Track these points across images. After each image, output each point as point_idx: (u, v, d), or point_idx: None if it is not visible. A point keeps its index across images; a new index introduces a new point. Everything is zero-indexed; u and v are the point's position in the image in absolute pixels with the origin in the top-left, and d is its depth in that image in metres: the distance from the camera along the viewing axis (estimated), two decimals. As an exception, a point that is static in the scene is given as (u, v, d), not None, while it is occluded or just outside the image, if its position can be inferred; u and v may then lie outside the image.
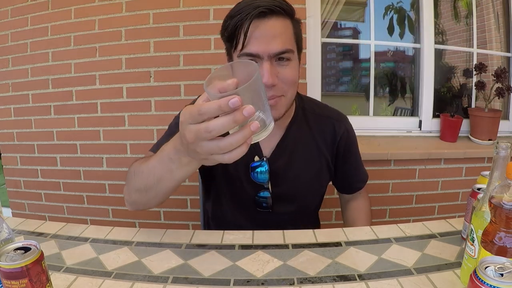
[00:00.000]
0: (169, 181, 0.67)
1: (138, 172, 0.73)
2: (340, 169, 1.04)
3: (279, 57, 0.78)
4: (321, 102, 1.06)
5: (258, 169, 0.91)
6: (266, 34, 0.76)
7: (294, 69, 0.82)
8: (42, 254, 0.56)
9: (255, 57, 0.77)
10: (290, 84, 0.81)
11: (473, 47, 1.97)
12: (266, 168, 0.91)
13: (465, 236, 0.80)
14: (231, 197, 0.99)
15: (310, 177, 0.98)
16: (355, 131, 1.06)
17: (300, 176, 0.96)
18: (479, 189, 0.77)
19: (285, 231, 0.87)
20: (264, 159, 0.92)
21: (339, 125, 0.99)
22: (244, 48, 0.77)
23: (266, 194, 0.94)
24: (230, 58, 0.84)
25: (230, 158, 0.51)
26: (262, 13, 0.75)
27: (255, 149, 0.92)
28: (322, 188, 1.06)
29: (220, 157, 0.52)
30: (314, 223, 1.16)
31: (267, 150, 0.93)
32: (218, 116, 0.49)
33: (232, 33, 0.77)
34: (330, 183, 1.10)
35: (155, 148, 0.88)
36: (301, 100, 0.99)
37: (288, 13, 0.79)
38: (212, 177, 1.00)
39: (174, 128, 0.92)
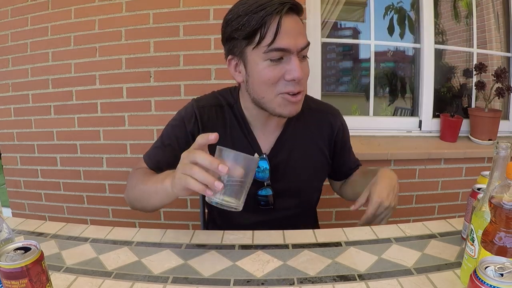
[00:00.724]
0: (163, 198, 0.77)
1: (137, 190, 0.85)
2: (336, 162, 1.06)
3: (302, 55, 0.81)
4: (315, 98, 1.07)
5: (258, 166, 0.91)
6: (294, 30, 0.78)
7: (308, 65, 0.85)
8: (42, 254, 0.56)
9: (284, 51, 0.77)
10: (306, 79, 0.85)
11: (473, 47, 1.97)
12: (266, 165, 0.92)
13: (465, 236, 0.80)
14: None
15: (309, 172, 0.99)
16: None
17: (299, 171, 0.97)
18: (479, 189, 0.77)
19: (285, 231, 0.87)
20: (264, 156, 0.93)
21: (334, 119, 1.01)
22: (273, 43, 0.76)
23: (267, 191, 0.95)
24: (240, 56, 0.83)
25: (186, 181, 0.64)
26: (290, 9, 0.77)
27: (254, 147, 0.93)
28: (321, 182, 1.07)
29: (181, 176, 0.65)
30: (313, 223, 1.17)
31: (266, 147, 0.95)
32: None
33: (256, 28, 0.76)
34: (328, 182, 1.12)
35: (148, 158, 0.96)
36: None
37: (303, 12, 0.82)
38: None
39: (165, 139, 0.96)
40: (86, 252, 0.78)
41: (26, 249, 0.55)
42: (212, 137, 0.65)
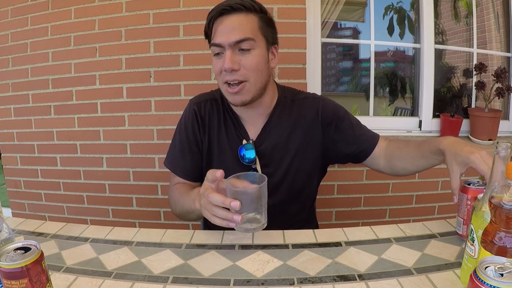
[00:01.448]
0: (199, 217, 0.94)
1: (179, 209, 0.98)
2: (339, 137, 1.03)
3: (240, 47, 0.89)
4: (300, 90, 1.11)
5: (246, 151, 0.99)
6: (227, 27, 0.89)
7: (256, 57, 0.92)
8: (42, 254, 0.56)
9: (220, 47, 0.90)
10: (252, 70, 0.91)
11: (473, 47, 1.97)
12: (252, 149, 0.99)
13: (460, 232, 0.80)
14: None
15: (294, 155, 1.03)
16: None
17: (284, 156, 1.02)
18: (469, 184, 0.78)
19: (285, 231, 0.87)
20: (251, 141, 1.01)
21: (315, 101, 1.05)
22: (212, 39, 0.92)
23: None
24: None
25: (210, 218, 0.76)
26: (225, 10, 0.90)
27: (243, 133, 1.02)
28: (311, 166, 1.06)
29: (206, 212, 0.77)
30: (311, 220, 1.17)
31: (254, 134, 1.03)
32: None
33: (206, 30, 0.95)
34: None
35: (169, 161, 1.08)
36: (283, 90, 1.07)
37: (249, 8, 0.91)
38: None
39: (180, 146, 1.06)
40: (86, 252, 0.78)
41: (26, 249, 0.56)
42: (218, 174, 0.75)
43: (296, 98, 1.06)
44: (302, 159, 1.03)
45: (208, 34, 0.95)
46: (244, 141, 1.01)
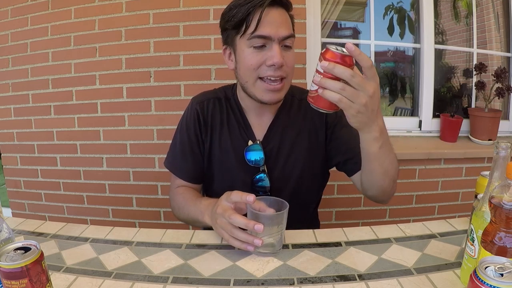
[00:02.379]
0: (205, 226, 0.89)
1: (183, 215, 0.97)
2: (334, 143, 1.00)
3: (285, 44, 0.87)
4: (309, 89, 1.07)
5: (252, 152, 0.97)
6: (277, 20, 0.85)
7: (294, 55, 0.91)
8: (42, 254, 0.56)
9: (266, 39, 0.85)
10: (291, 68, 0.90)
11: (473, 47, 1.97)
12: (260, 150, 0.97)
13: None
14: (230, 187, 0.99)
15: (301, 157, 1.01)
16: None
17: (291, 157, 1.00)
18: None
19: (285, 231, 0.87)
20: (258, 142, 0.98)
21: None
22: (256, 31, 0.84)
23: (263, 175, 0.97)
24: (231, 45, 0.91)
25: (228, 239, 0.75)
26: (273, 1, 0.85)
27: (249, 134, 0.99)
28: (316, 169, 1.04)
29: (224, 233, 0.76)
30: (314, 222, 1.16)
31: (260, 134, 1.00)
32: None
33: (243, 19, 0.85)
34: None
35: (169, 162, 1.06)
36: (290, 88, 1.03)
37: (289, 6, 0.90)
38: (211, 175, 1.04)
39: (181, 147, 1.03)
40: (86, 252, 0.78)
41: (26, 249, 0.55)
42: (251, 199, 0.73)
43: (303, 98, 1.01)
44: (307, 162, 1.01)
45: (240, 23, 0.86)
46: (250, 142, 0.98)
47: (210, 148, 1.01)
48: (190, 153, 1.02)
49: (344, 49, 0.66)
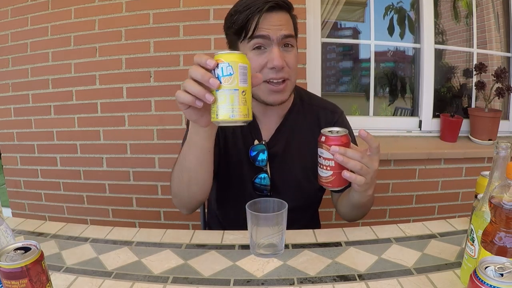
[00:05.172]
0: (195, 151, 0.79)
1: (176, 164, 0.87)
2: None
3: (284, 44, 0.87)
4: (321, 97, 1.11)
5: (256, 151, 0.97)
6: (275, 22, 0.86)
7: (295, 55, 0.91)
8: (42, 254, 0.56)
9: (265, 39, 0.86)
10: (293, 68, 0.90)
11: (473, 47, 1.97)
12: (265, 151, 0.96)
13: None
14: (232, 184, 1.01)
15: (306, 162, 1.00)
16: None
17: (296, 161, 1.00)
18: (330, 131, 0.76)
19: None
20: (263, 142, 0.98)
21: (333, 115, 1.04)
22: (255, 32, 0.85)
23: (264, 175, 0.97)
24: (235, 49, 0.91)
25: (179, 96, 0.68)
26: (271, 7, 0.85)
27: (256, 133, 0.99)
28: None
29: (177, 92, 0.69)
30: (314, 223, 1.16)
31: (267, 135, 1.00)
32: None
33: (243, 24, 0.86)
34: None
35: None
36: (299, 92, 1.05)
37: (289, 8, 0.90)
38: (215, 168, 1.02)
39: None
40: (86, 252, 0.78)
41: (26, 249, 0.55)
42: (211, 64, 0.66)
43: (314, 105, 1.04)
44: (311, 166, 0.99)
45: (241, 29, 0.87)
46: (256, 142, 0.98)
47: (225, 139, 1.00)
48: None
49: (334, 128, 0.76)
